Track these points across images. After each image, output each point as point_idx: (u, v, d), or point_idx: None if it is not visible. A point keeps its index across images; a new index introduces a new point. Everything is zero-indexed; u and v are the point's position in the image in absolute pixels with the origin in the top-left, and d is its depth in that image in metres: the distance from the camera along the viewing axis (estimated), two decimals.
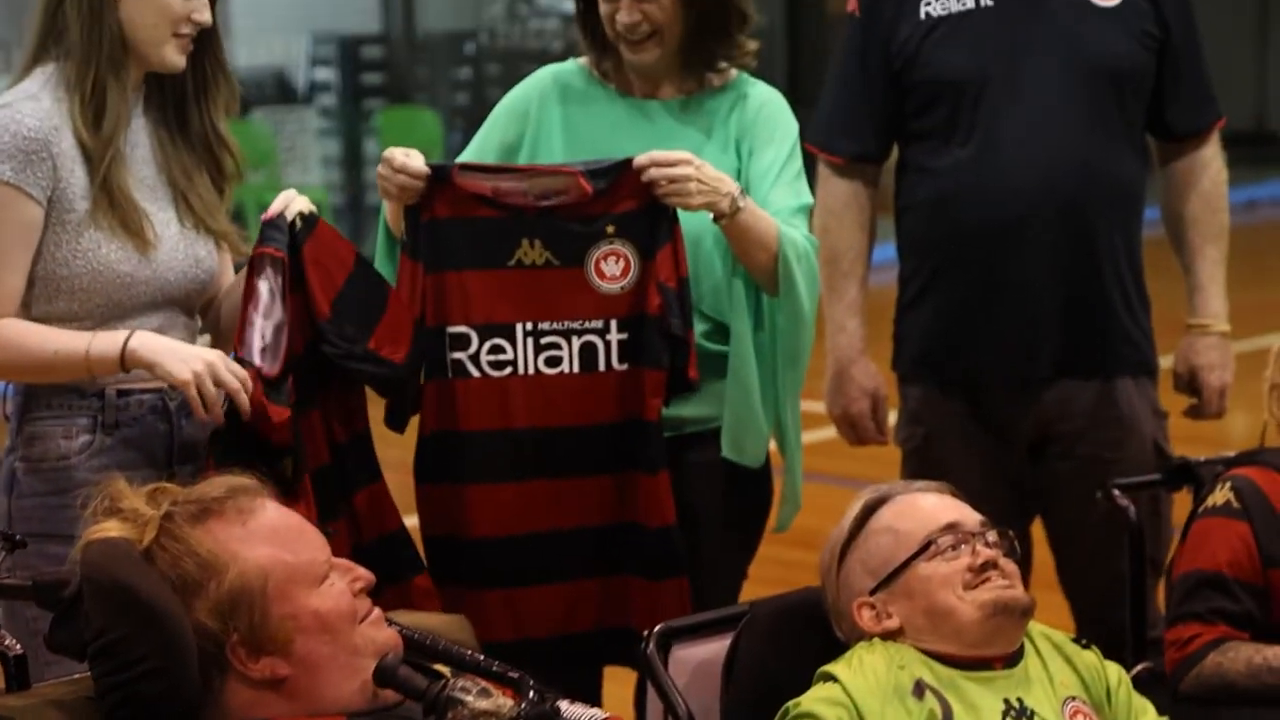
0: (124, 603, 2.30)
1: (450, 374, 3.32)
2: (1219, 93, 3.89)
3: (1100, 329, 3.72)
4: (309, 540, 2.44)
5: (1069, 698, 2.76)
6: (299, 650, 2.35)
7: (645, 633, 2.90)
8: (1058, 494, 3.79)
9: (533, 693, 2.32)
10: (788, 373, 3.43)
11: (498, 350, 3.32)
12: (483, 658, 2.45)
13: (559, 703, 2.36)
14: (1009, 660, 2.77)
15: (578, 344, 3.31)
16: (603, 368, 3.32)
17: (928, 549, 2.78)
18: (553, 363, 3.32)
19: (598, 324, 3.31)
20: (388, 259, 3.39)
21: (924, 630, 2.76)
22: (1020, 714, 2.71)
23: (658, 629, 2.90)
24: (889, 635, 2.78)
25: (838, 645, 2.83)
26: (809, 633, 2.87)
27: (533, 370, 3.32)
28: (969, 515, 2.84)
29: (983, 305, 3.70)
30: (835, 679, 2.71)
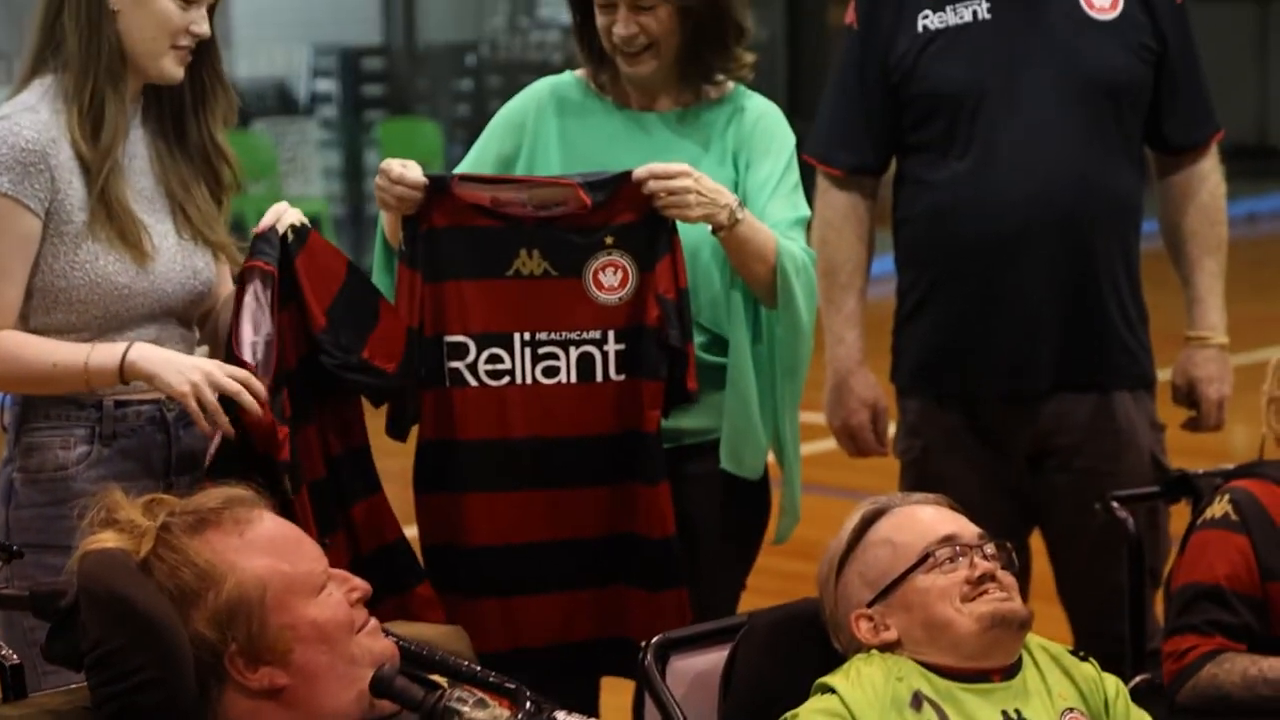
0: (120, 613, 2.30)
1: (448, 383, 3.32)
2: (1220, 106, 3.88)
3: (1098, 341, 3.72)
4: (306, 551, 2.44)
5: (1067, 709, 2.76)
6: (297, 660, 2.35)
7: (643, 643, 2.90)
8: (1056, 506, 3.79)
9: (529, 703, 2.33)
10: (786, 385, 3.43)
11: (495, 360, 3.32)
12: (479, 668, 2.46)
13: (555, 713, 2.35)
14: (1007, 672, 2.76)
15: (575, 354, 3.31)
16: (600, 378, 3.32)
17: (926, 561, 2.78)
18: (550, 373, 3.32)
19: (595, 334, 3.31)
20: (385, 270, 3.39)
21: (922, 642, 2.76)
22: None
23: (655, 640, 2.90)
24: (887, 647, 2.77)
25: (836, 656, 2.82)
26: (807, 644, 2.87)
27: (530, 380, 3.32)
28: (967, 527, 2.84)
29: (980, 318, 3.70)
30: (833, 690, 2.70)
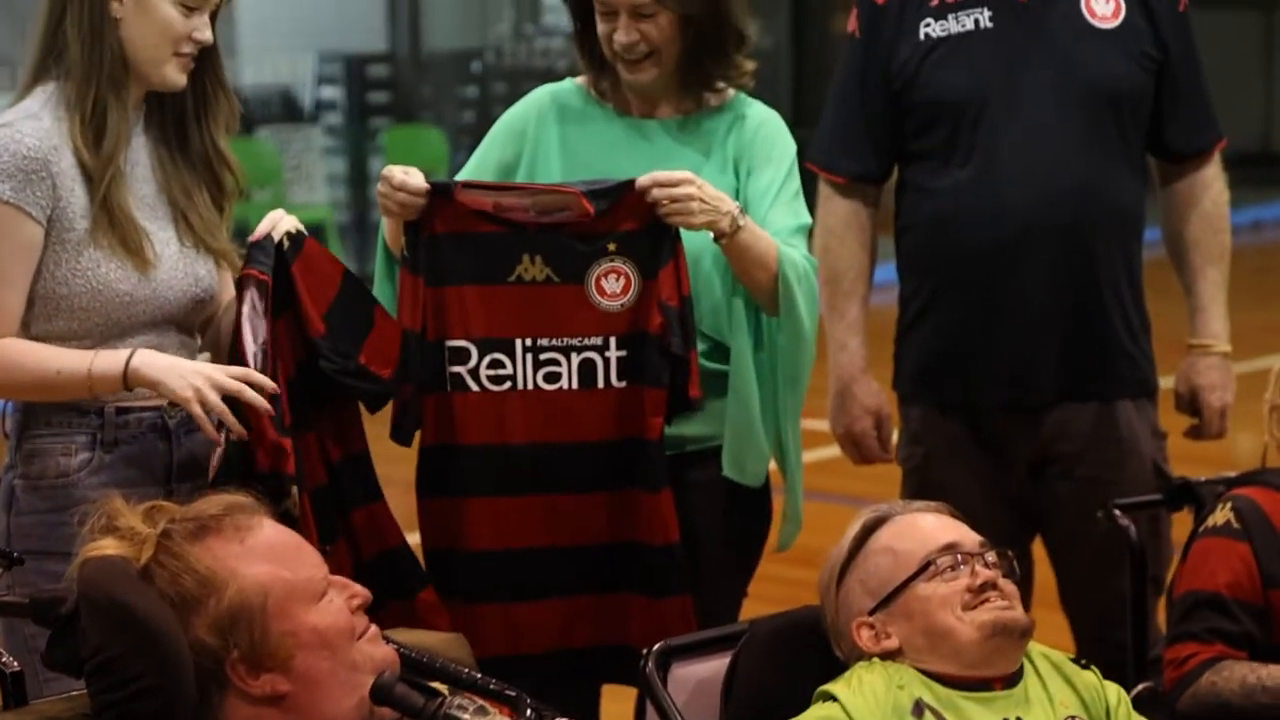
0: (120, 621, 2.30)
1: (449, 388, 3.32)
2: (1224, 113, 3.88)
3: (1100, 349, 3.72)
4: (307, 557, 2.44)
5: (1069, 717, 2.75)
6: (299, 666, 2.35)
7: (644, 651, 2.90)
8: (1058, 514, 3.79)
9: (530, 710, 2.33)
10: (788, 392, 3.42)
11: (497, 365, 3.32)
12: (480, 675, 2.45)
13: None
14: (1008, 681, 2.76)
15: (577, 360, 3.31)
16: (601, 384, 3.32)
17: (927, 569, 2.78)
18: (551, 379, 3.32)
19: (597, 341, 3.31)
20: (386, 277, 3.39)
21: (923, 651, 2.76)
22: None
23: (657, 647, 2.90)
24: (888, 655, 2.77)
25: (837, 664, 2.82)
26: (808, 652, 2.86)
27: (531, 386, 3.32)
28: (968, 535, 2.84)
29: (982, 326, 3.70)
30: (834, 698, 2.70)
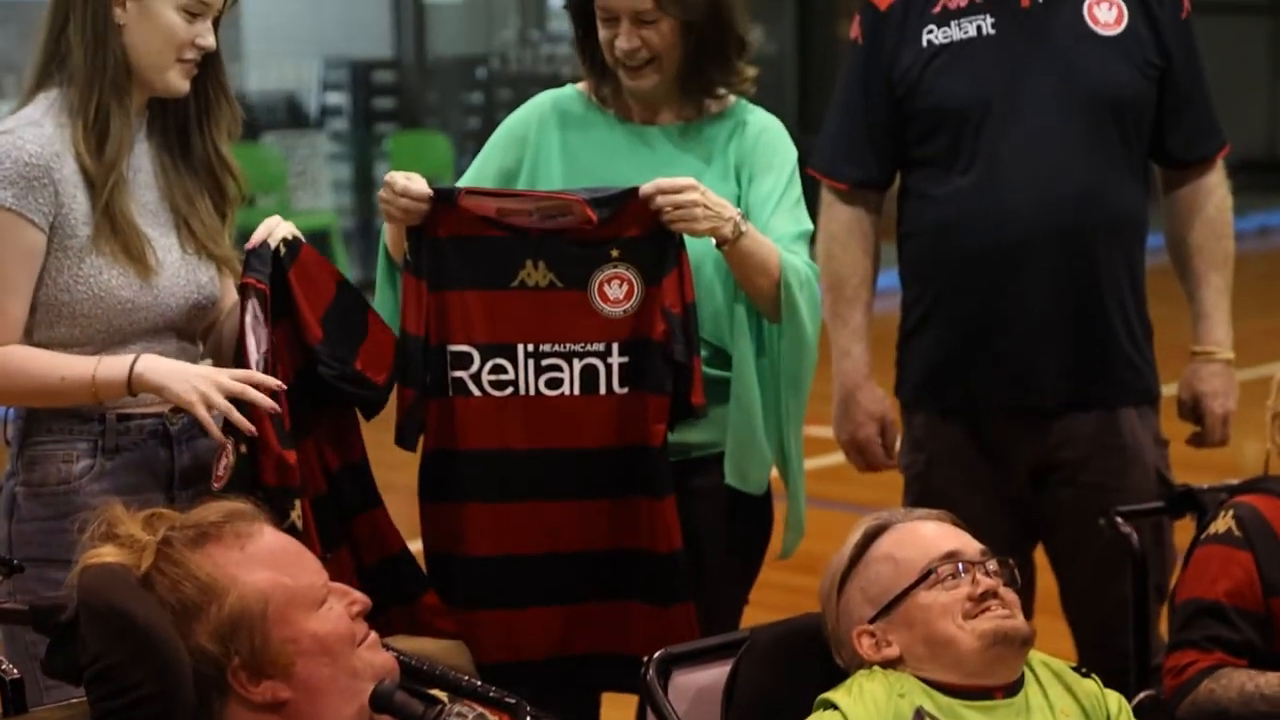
0: (120, 628, 2.30)
1: (451, 392, 3.32)
2: (1230, 119, 3.88)
3: (1102, 356, 3.71)
4: (307, 564, 2.44)
5: None
6: (300, 673, 2.35)
7: (645, 658, 2.89)
8: (1060, 521, 3.78)
9: (529, 718, 2.32)
10: (790, 399, 3.42)
11: (499, 370, 3.32)
12: (479, 683, 2.45)
13: None
14: (1009, 689, 2.76)
15: (579, 366, 3.31)
16: (603, 391, 3.31)
17: (928, 578, 2.78)
18: (553, 384, 3.32)
19: (599, 347, 3.30)
20: (388, 283, 3.39)
21: (924, 659, 2.75)
22: None
23: (658, 655, 2.89)
24: (889, 663, 2.77)
25: (838, 672, 2.82)
26: (809, 659, 2.86)
27: (533, 391, 3.32)
28: (969, 544, 2.84)
29: (984, 332, 3.69)
30: (835, 706, 2.70)
